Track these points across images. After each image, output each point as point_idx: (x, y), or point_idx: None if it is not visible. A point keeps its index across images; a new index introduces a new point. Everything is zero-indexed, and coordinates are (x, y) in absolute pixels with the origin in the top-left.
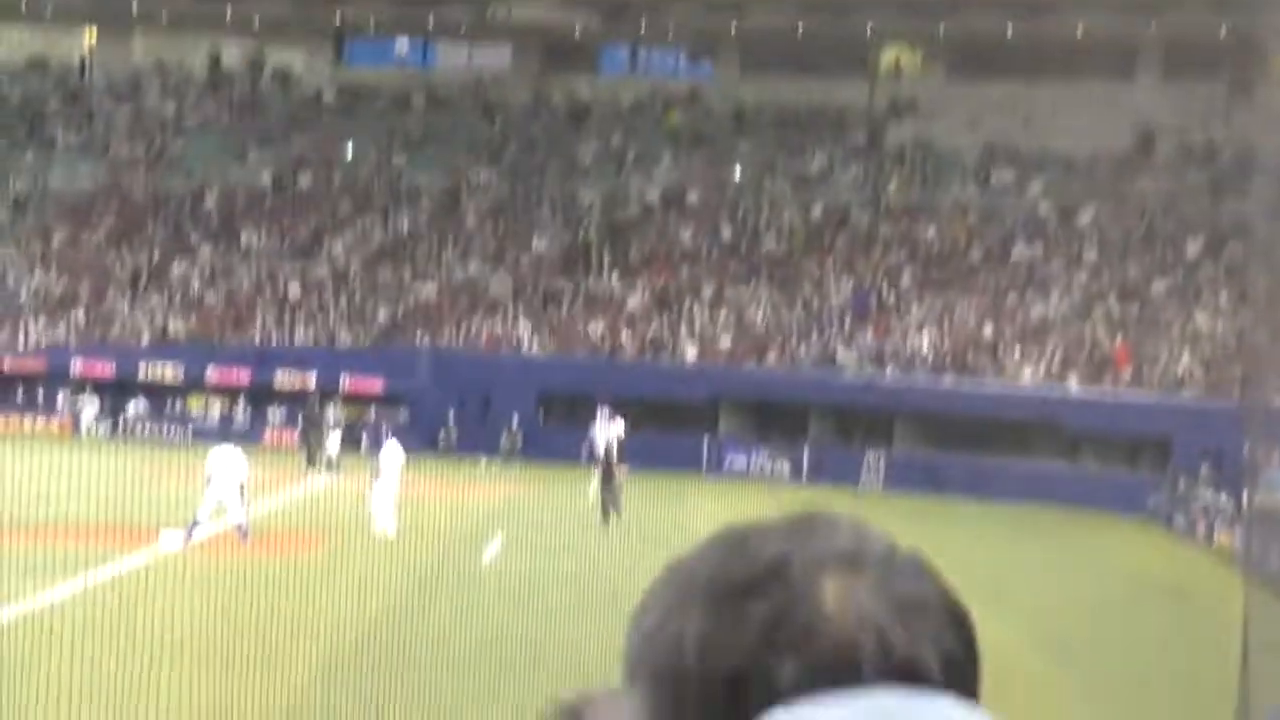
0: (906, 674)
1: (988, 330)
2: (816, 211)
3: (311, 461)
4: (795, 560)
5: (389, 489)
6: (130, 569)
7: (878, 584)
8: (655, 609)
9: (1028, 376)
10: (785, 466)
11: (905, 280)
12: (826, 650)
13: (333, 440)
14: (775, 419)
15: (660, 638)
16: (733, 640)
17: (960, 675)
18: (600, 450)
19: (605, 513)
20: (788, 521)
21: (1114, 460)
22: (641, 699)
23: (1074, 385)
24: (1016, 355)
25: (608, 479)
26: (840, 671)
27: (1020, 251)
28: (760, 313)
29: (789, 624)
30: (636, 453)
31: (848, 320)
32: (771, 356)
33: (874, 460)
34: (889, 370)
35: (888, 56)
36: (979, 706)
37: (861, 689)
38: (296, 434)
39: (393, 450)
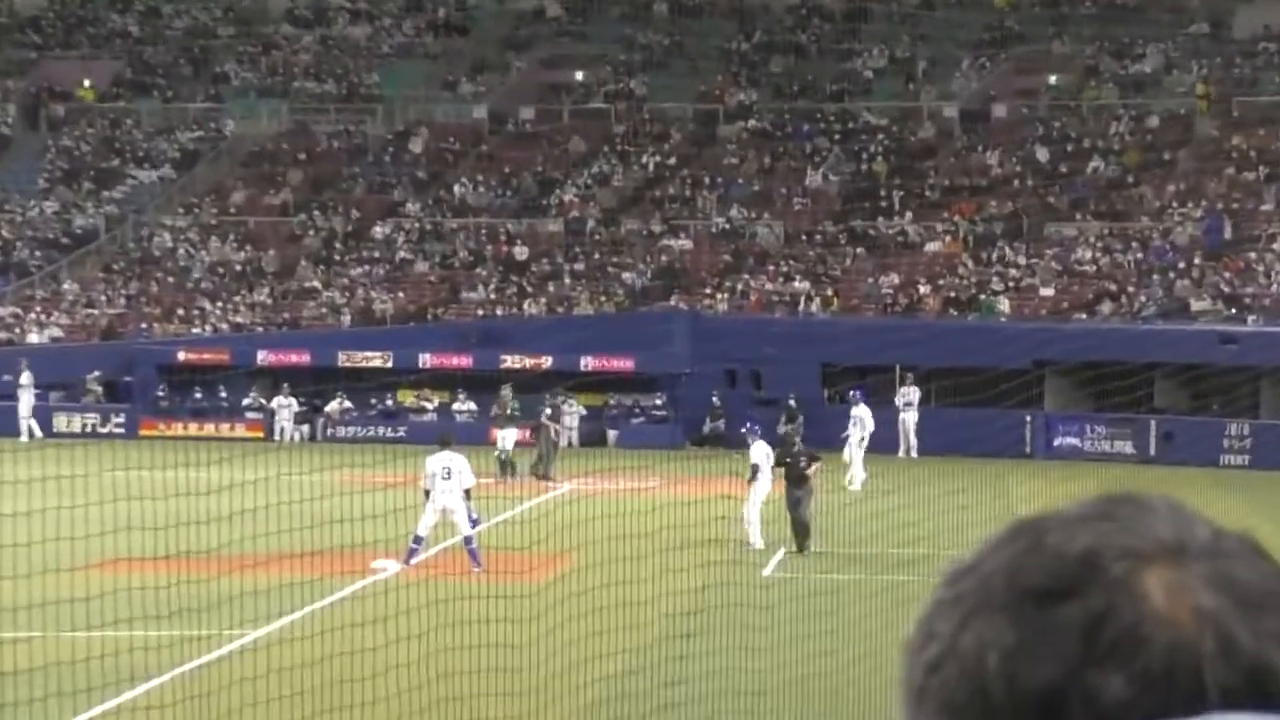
0: (1255, 679)
1: None
2: (1152, 122)
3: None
4: (1108, 553)
5: (759, 493)
6: (342, 599)
7: (1210, 574)
8: (941, 626)
9: None
10: (1127, 444)
11: (1266, 203)
12: (1159, 656)
13: (506, 436)
14: (1113, 386)
15: (953, 659)
16: (1045, 652)
17: None
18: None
19: (799, 543)
20: (1090, 508)
21: None
22: None
23: None
24: None
25: (797, 482)
26: (1176, 681)
27: None
28: (1089, 253)
29: (1111, 628)
30: (943, 433)
31: (1196, 258)
32: (1105, 307)
33: (1236, 432)
34: (1250, 318)
35: None
36: None
37: (1203, 706)
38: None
39: (760, 448)
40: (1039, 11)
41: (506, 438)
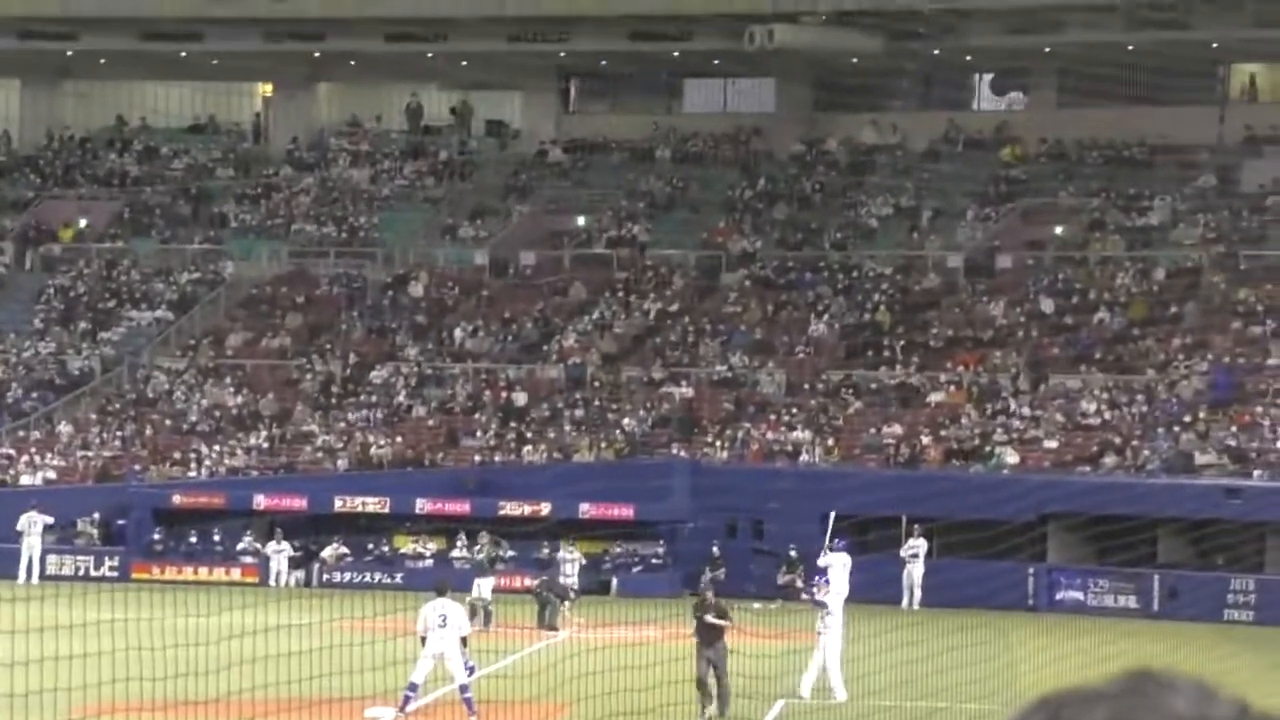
0: None
1: None
2: (1158, 275)
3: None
4: None
5: (835, 642)
6: None
7: None
8: None
9: None
10: (1131, 599)
11: (1273, 357)
12: None
13: (483, 584)
14: (1117, 540)
15: None
16: None
17: None
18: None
19: (704, 705)
20: (1113, 685)
21: None
22: None
23: None
24: None
25: (708, 641)
26: None
27: None
28: (1094, 406)
29: None
30: (947, 587)
31: (1202, 411)
32: (1109, 460)
33: (1241, 587)
34: (1256, 473)
35: (1239, 77)
36: None
37: None
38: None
39: (837, 594)
40: (1045, 163)
41: (483, 586)
